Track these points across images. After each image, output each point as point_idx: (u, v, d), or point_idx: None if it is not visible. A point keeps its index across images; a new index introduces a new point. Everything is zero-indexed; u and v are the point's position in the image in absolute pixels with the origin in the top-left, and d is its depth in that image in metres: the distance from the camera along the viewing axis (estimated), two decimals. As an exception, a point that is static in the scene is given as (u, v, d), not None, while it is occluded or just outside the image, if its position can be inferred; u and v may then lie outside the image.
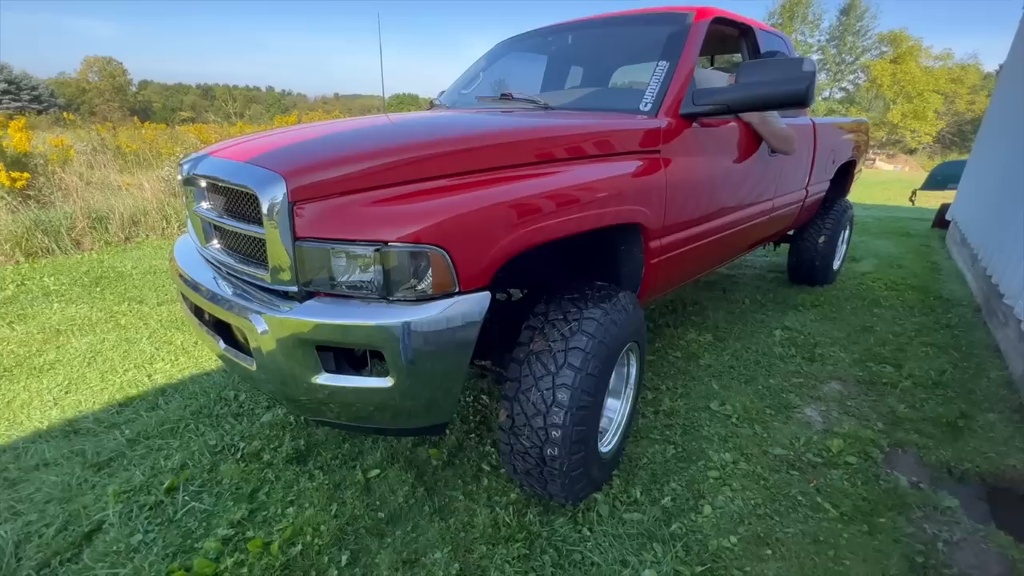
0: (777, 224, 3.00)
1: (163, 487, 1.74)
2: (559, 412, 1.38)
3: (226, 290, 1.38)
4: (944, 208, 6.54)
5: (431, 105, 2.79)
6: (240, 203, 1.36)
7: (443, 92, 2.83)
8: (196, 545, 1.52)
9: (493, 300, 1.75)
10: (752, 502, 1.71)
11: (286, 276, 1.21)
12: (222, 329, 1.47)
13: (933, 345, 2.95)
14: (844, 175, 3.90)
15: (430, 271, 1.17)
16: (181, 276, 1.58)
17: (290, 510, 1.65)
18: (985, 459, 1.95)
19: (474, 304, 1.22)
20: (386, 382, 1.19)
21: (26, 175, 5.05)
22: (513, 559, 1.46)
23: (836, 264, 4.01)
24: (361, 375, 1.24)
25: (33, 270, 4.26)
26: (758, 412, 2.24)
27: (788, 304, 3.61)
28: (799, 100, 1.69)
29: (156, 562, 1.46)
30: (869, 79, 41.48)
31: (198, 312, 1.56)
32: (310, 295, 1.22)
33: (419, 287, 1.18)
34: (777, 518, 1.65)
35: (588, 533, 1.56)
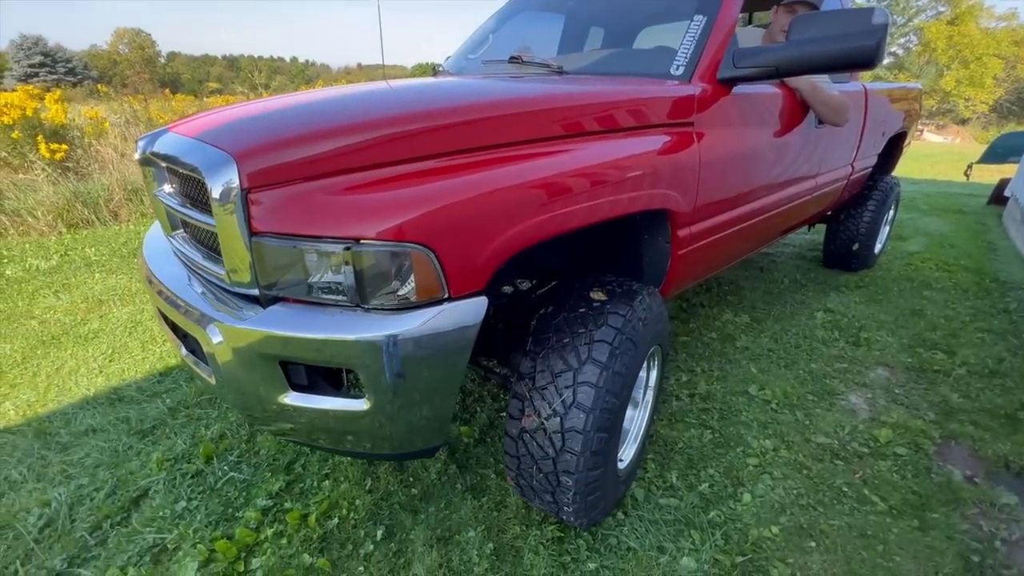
0: (818, 205, 2.77)
1: (202, 456, 1.78)
2: (579, 415, 1.20)
3: (188, 288, 1.20)
4: (1003, 183, 6.09)
5: (435, 72, 2.56)
6: (193, 188, 1.17)
7: (449, 57, 2.59)
8: (237, 514, 1.56)
9: (497, 294, 1.61)
10: (794, 492, 1.65)
11: (244, 277, 1.02)
12: (182, 332, 1.27)
13: (989, 331, 2.77)
14: (892, 148, 3.61)
15: (413, 274, 0.97)
16: (147, 268, 1.40)
17: (326, 483, 1.67)
18: (1048, 454, 1.83)
19: (467, 313, 1.03)
20: (362, 404, 1.03)
21: (64, 147, 5.16)
22: (547, 541, 1.45)
23: (878, 247, 3.76)
24: (336, 395, 1.08)
25: (75, 241, 4.39)
26: (799, 398, 2.15)
27: (830, 285, 3.44)
28: (866, 60, 1.40)
29: (200, 529, 1.50)
30: (922, 42, 38.57)
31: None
32: (276, 300, 1.04)
33: (400, 293, 0.99)
34: (821, 509, 1.59)
35: (623, 517, 1.54)
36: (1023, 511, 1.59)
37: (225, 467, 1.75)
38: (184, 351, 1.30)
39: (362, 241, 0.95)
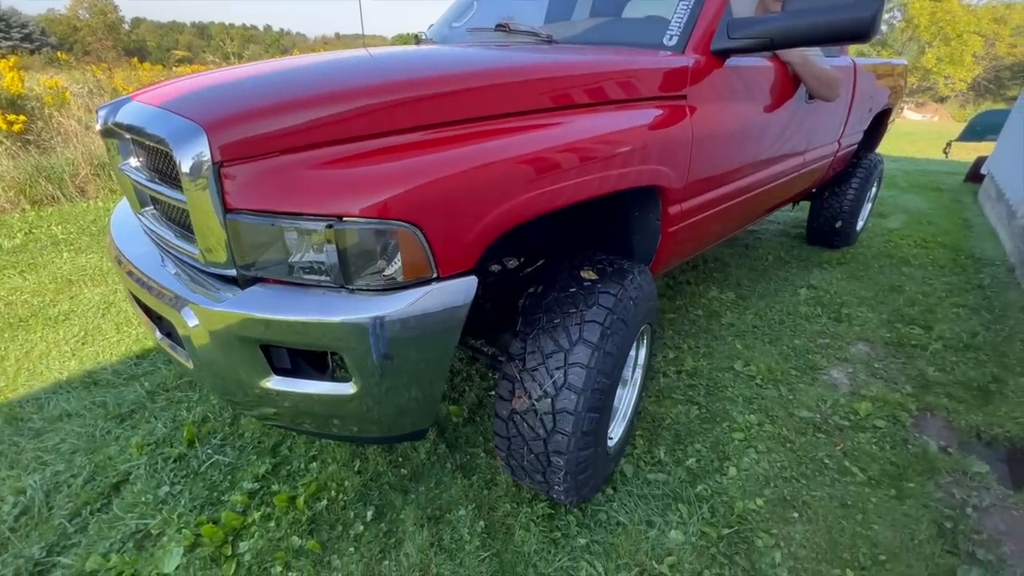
0: (804, 182, 2.76)
1: (185, 439, 1.74)
2: (571, 396, 1.19)
3: (160, 269, 1.14)
4: (979, 161, 6.20)
5: (417, 41, 2.45)
6: (161, 161, 1.10)
7: (432, 25, 2.47)
8: (223, 498, 1.53)
9: (484, 272, 1.55)
10: (778, 465, 1.69)
11: (219, 257, 0.97)
12: (157, 315, 1.21)
13: (964, 306, 2.85)
14: (877, 125, 3.62)
15: (399, 253, 0.93)
16: (116, 248, 1.32)
17: (313, 465, 1.65)
18: (1017, 424, 1.90)
19: (457, 293, 1.00)
20: (348, 388, 1.00)
21: (22, 118, 4.87)
22: (538, 518, 1.46)
23: (860, 225, 3.80)
24: (321, 379, 1.04)
25: (40, 218, 4.19)
26: (783, 373, 2.19)
27: (813, 262, 3.49)
28: (862, 32, 1.37)
29: (184, 514, 1.47)
30: (905, 18, 38.62)
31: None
32: (255, 280, 0.99)
33: (386, 273, 0.95)
34: (804, 481, 1.63)
35: (612, 493, 1.55)
36: (993, 479, 1.66)
37: (209, 450, 1.71)
38: (159, 335, 1.24)
39: (345, 219, 0.90)
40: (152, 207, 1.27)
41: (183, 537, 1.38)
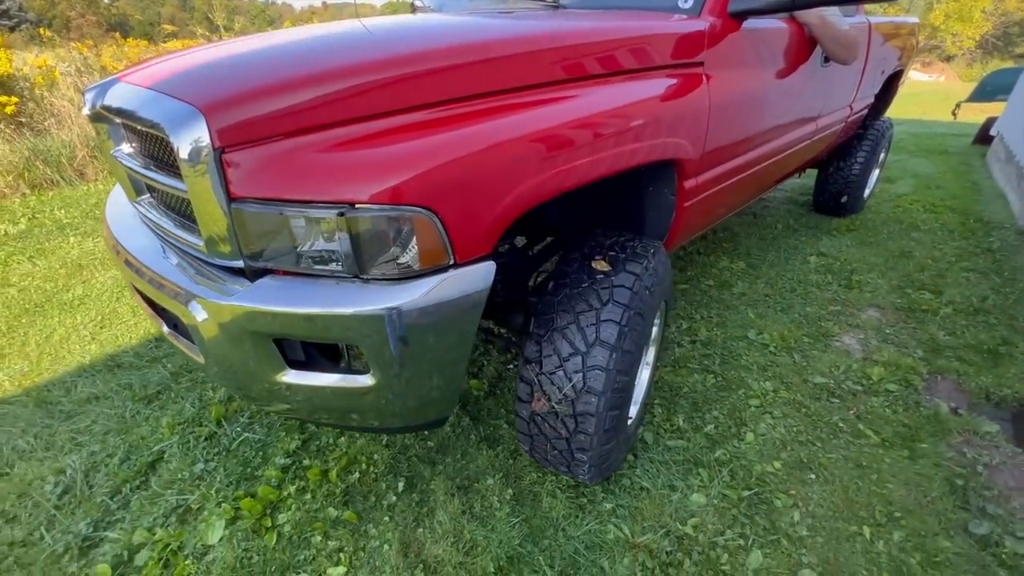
0: (816, 149, 2.70)
1: (213, 419, 1.78)
2: (591, 399, 1.18)
3: (162, 261, 1.10)
4: (989, 123, 6.10)
5: (412, 8, 2.31)
6: (156, 147, 1.04)
7: None
8: (256, 473, 1.58)
9: (498, 254, 1.49)
10: (794, 429, 1.73)
11: (225, 248, 0.93)
12: (162, 308, 1.16)
13: (974, 270, 2.86)
14: (888, 88, 3.53)
15: (415, 240, 0.89)
16: (113, 238, 1.26)
17: (342, 440, 1.69)
18: (1026, 385, 1.94)
19: (475, 279, 0.96)
20: (366, 380, 0.97)
21: (14, 99, 4.76)
22: (564, 487, 1.51)
23: (867, 192, 3.73)
24: (338, 371, 1.02)
25: (42, 203, 4.15)
26: (796, 341, 2.22)
27: (822, 229, 3.48)
28: None
29: (221, 489, 1.52)
30: (913, -27, 37.17)
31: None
32: (263, 271, 0.95)
33: (401, 261, 0.91)
34: (819, 444, 1.68)
35: (634, 460, 1.60)
36: (1003, 438, 1.70)
37: (238, 428, 1.75)
38: (166, 328, 1.21)
39: (357, 206, 0.85)
40: (148, 195, 1.21)
41: (223, 511, 1.43)
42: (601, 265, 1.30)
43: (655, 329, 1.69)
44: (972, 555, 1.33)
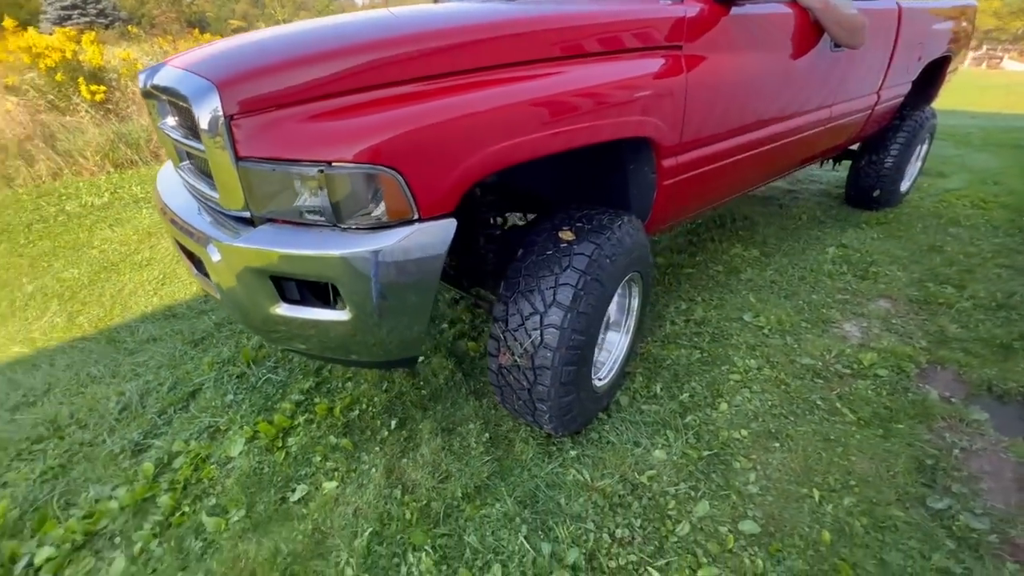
0: (834, 137, 2.63)
1: (244, 361, 2.06)
2: (547, 354, 1.32)
3: (196, 216, 1.29)
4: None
5: None
6: (187, 118, 1.21)
7: None
8: (275, 406, 1.83)
9: (489, 223, 1.65)
10: (769, 403, 1.79)
11: (236, 201, 1.11)
12: (192, 254, 1.38)
13: (1010, 267, 2.72)
14: (933, 76, 3.34)
15: (383, 195, 1.05)
16: (161, 201, 1.49)
17: (349, 384, 1.92)
18: (1033, 379, 1.89)
19: (437, 233, 1.11)
20: (343, 315, 1.12)
21: (103, 88, 5.38)
22: (537, 436, 1.66)
23: (905, 186, 3.56)
24: (322, 307, 1.17)
25: (122, 180, 4.71)
26: (792, 325, 2.24)
27: (850, 222, 3.38)
28: None
29: (245, 415, 1.79)
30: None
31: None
32: (268, 221, 1.13)
33: (373, 214, 1.07)
34: (792, 418, 1.73)
35: (606, 417, 1.73)
36: (990, 426, 1.69)
37: (264, 371, 2.02)
38: (195, 271, 1.44)
39: (334, 164, 1.01)
40: (188, 161, 1.43)
41: (244, 432, 1.69)
42: (567, 235, 1.41)
43: (635, 300, 1.78)
44: (923, 525, 1.36)
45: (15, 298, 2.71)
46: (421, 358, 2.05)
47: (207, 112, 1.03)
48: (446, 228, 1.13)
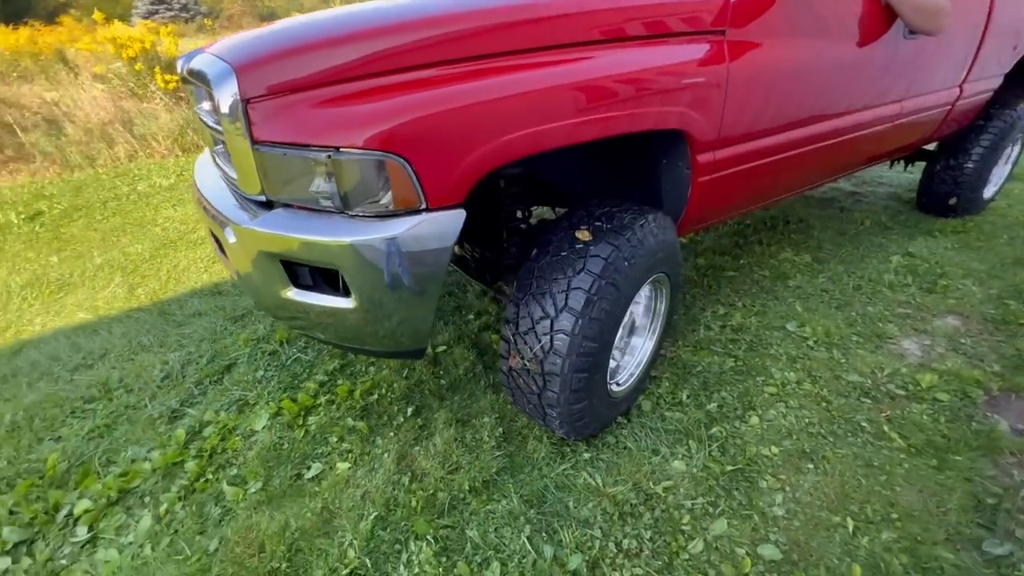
0: (904, 136, 2.36)
1: (277, 339, 2.14)
2: (556, 360, 1.28)
3: (222, 199, 1.30)
4: None
5: None
6: (213, 101, 1.21)
7: None
8: (300, 384, 1.89)
9: (514, 216, 1.59)
10: (806, 420, 1.66)
11: (254, 185, 1.12)
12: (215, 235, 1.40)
13: (1113, 287, 2.38)
14: None
15: (390, 183, 1.02)
16: (196, 188, 1.51)
17: (371, 369, 1.96)
18: None
19: (445, 224, 1.07)
20: (349, 303, 1.11)
21: (176, 78, 5.76)
22: (552, 435, 1.62)
23: (989, 192, 3.16)
24: (330, 294, 1.16)
25: (188, 163, 5.03)
26: (842, 338, 2.06)
27: (920, 229, 3.07)
28: None
29: (273, 392, 1.86)
30: None
31: None
32: (284, 206, 1.13)
33: (380, 201, 1.05)
34: (831, 439, 1.59)
35: (625, 421, 1.66)
36: (1070, 467, 1.48)
37: (294, 350, 2.10)
38: (219, 253, 1.46)
39: (341, 149, 1.00)
40: (220, 146, 1.42)
41: (269, 408, 1.76)
42: (583, 235, 1.33)
43: (662, 304, 1.69)
44: (974, 571, 1.21)
45: (86, 269, 2.96)
46: (443, 347, 2.06)
47: (227, 95, 1.04)
48: (455, 219, 1.09)
